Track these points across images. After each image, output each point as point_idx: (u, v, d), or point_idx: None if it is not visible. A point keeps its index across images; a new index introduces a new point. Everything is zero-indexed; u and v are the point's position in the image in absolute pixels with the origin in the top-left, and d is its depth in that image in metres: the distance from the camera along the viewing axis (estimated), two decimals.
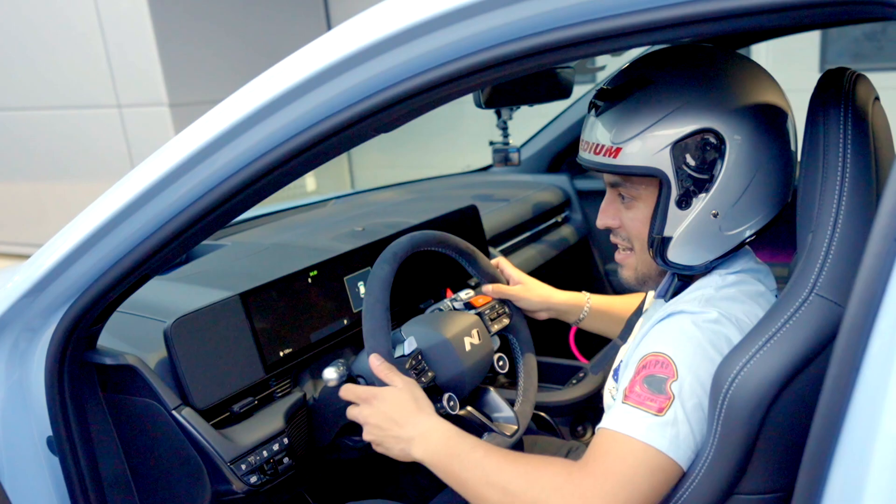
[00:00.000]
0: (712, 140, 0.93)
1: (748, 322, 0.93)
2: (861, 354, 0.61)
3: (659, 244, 0.99)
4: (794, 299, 0.83)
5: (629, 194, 1.02)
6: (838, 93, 0.86)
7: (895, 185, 0.59)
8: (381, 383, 1.11)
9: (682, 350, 0.91)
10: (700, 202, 0.96)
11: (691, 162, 0.93)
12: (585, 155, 1.03)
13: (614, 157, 0.96)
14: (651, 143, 0.94)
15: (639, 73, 0.98)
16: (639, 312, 1.22)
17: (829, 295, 0.81)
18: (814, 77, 0.98)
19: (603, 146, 0.98)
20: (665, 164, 0.94)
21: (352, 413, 1.12)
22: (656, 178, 0.96)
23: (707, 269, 1.02)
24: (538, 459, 0.96)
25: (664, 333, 0.95)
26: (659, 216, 0.97)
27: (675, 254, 0.99)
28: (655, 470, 0.87)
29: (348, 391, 1.13)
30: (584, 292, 1.45)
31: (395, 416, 1.06)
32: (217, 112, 0.90)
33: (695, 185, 0.95)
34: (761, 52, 5.10)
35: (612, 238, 1.09)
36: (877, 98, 0.91)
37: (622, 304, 1.43)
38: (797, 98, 1.05)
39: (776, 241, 1.15)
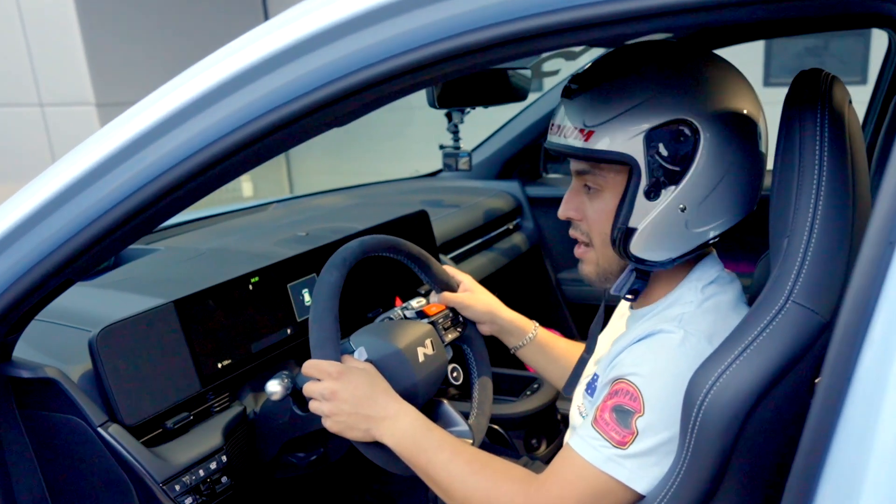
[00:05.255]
0: (687, 132, 0.90)
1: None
2: (853, 364, 0.58)
3: (622, 235, 0.95)
4: (770, 307, 0.80)
5: (595, 183, 0.97)
6: (814, 94, 0.84)
7: (891, 186, 0.56)
8: None
9: (653, 384, 0.89)
10: (669, 194, 0.92)
11: (664, 152, 0.90)
12: (553, 138, 0.98)
13: (585, 140, 0.92)
14: (625, 128, 0.90)
15: (618, 61, 0.96)
16: (600, 323, 1.18)
17: (805, 302, 0.78)
18: (758, 89, 0.98)
19: (574, 129, 0.94)
20: (637, 152, 0.91)
21: (313, 389, 1.05)
22: (626, 166, 0.92)
23: (669, 267, 0.98)
24: (501, 472, 0.99)
25: (641, 358, 0.92)
26: (626, 206, 0.93)
27: (638, 247, 0.95)
28: (610, 496, 0.91)
29: (311, 367, 1.06)
30: (533, 321, 1.36)
31: (368, 393, 1.04)
32: (146, 104, 0.82)
33: (665, 177, 0.91)
34: None
35: (572, 232, 1.04)
36: (850, 101, 0.89)
37: (566, 348, 1.34)
38: None
39: (741, 250, 1.13)
